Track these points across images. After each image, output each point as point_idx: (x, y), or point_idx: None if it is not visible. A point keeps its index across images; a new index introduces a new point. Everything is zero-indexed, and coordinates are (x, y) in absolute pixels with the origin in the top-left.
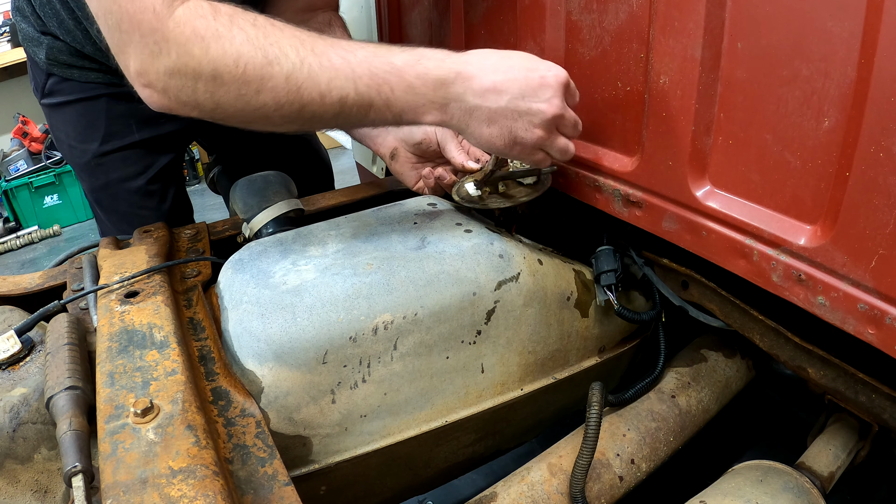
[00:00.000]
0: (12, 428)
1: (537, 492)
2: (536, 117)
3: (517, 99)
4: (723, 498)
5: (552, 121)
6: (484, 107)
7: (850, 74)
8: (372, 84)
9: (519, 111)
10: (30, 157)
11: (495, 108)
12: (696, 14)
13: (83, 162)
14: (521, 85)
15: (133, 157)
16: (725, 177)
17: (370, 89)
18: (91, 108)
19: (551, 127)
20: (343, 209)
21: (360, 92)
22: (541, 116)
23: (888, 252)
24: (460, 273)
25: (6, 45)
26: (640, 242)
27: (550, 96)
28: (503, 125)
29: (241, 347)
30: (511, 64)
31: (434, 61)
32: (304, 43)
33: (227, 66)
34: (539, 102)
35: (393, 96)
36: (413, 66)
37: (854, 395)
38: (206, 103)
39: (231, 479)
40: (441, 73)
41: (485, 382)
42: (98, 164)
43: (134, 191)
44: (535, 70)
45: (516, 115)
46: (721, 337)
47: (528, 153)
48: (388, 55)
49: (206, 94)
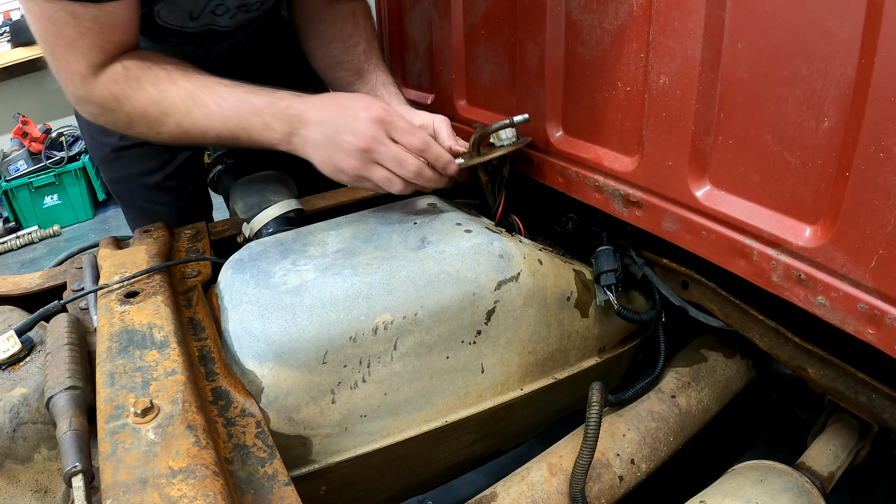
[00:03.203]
0: (12, 428)
1: (537, 492)
2: (347, 147)
3: (333, 133)
4: (723, 498)
5: (362, 152)
6: (312, 139)
7: (850, 74)
8: (238, 124)
9: (335, 142)
10: (30, 157)
11: (319, 140)
12: (696, 14)
13: (103, 154)
14: (336, 120)
15: (152, 153)
16: (725, 177)
17: (237, 128)
18: None
19: (364, 158)
20: (343, 209)
21: (230, 130)
22: (350, 147)
23: (888, 252)
24: (460, 273)
25: (6, 45)
26: (640, 242)
27: (361, 130)
28: (325, 155)
29: (241, 347)
30: (338, 103)
31: (286, 101)
32: (191, 95)
33: (135, 116)
34: (348, 135)
35: (254, 132)
36: (269, 107)
37: (854, 395)
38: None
39: (231, 479)
40: (288, 111)
41: (485, 382)
42: (116, 158)
43: (151, 186)
44: (352, 108)
45: (333, 147)
46: (721, 337)
47: (354, 180)
48: (251, 97)
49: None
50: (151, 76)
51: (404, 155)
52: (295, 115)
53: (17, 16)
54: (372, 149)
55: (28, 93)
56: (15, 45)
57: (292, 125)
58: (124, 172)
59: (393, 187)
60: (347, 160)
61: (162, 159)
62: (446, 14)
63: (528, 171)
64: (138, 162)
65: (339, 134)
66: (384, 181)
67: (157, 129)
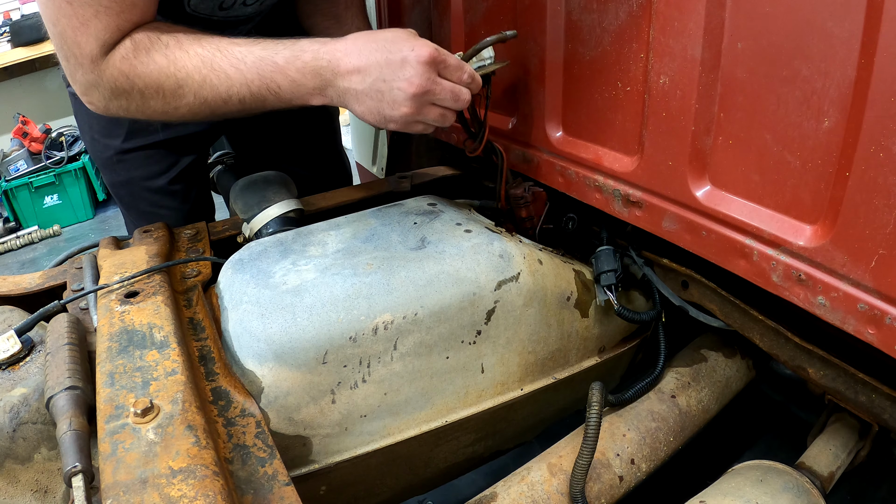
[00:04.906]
0: (12, 428)
1: (537, 492)
2: (398, 95)
3: (379, 81)
4: (723, 498)
5: (415, 98)
6: (352, 89)
7: (850, 74)
8: (262, 84)
9: (382, 92)
10: (30, 157)
11: (361, 90)
12: (696, 14)
13: (105, 157)
14: (381, 66)
15: (156, 157)
16: (725, 177)
17: (261, 89)
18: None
19: (420, 102)
20: (343, 209)
21: (253, 92)
22: (403, 95)
23: (888, 252)
24: (460, 273)
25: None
26: (640, 242)
27: (411, 75)
28: (370, 105)
29: (241, 347)
30: (376, 46)
31: (310, 53)
32: (205, 62)
33: (149, 93)
34: (399, 82)
35: (280, 91)
36: (293, 63)
37: (854, 395)
38: (137, 114)
39: (231, 479)
40: (316, 63)
41: (485, 382)
42: (120, 161)
43: (155, 190)
44: (397, 51)
45: (380, 96)
46: (721, 337)
47: (404, 127)
48: (273, 56)
49: (137, 110)
50: (161, 46)
51: (459, 89)
52: (326, 67)
53: (17, 16)
54: (429, 91)
55: (28, 93)
56: (15, 45)
57: (324, 77)
58: (128, 176)
59: (447, 122)
60: (399, 108)
61: (166, 163)
62: (446, 14)
63: (528, 171)
64: (142, 165)
65: (388, 82)
66: (439, 119)
67: (174, 103)
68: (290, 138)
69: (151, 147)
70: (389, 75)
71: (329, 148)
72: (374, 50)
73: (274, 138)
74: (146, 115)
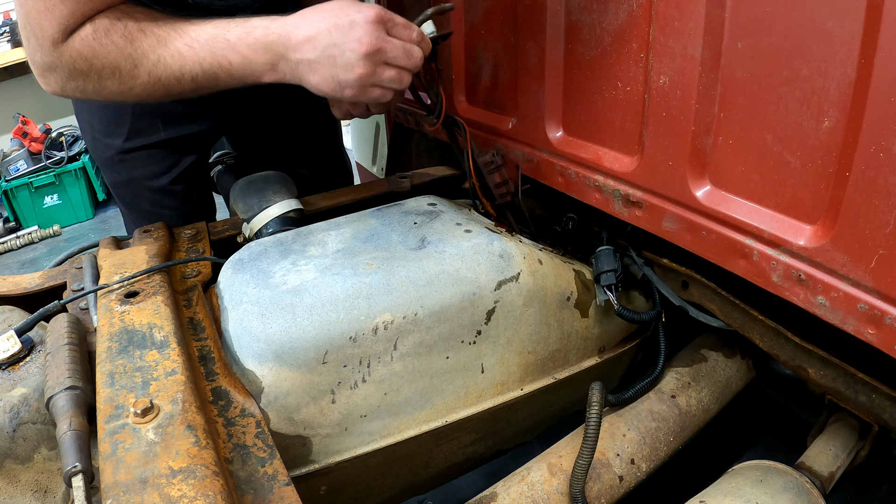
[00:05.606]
0: (12, 428)
1: (537, 492)
2: (350, 57)
3: (330, 46)
4: (723, 498)
5: (368, 57)
6: (304, 59)
7: (850, 74)
8: (214, 62)
9: (333, 57)
10: (30, 157)
11: (314, 58)
12: (696, 14)
13: (107, 157)
14: (331, 31)
15: (157, 157)
16: (725, 177)
17: (213, 66)
18: (118, 103)
19: (373, 62)
20: (343, 209)
21: (206, 70)
22: (355, 56)
23: (888, 252)
24: (460, 273)
25: (6, 45)
26: (640, 242)
27: (361, 35)
28: (325, 72)
29: (241, 347)
30: (323, 14)
31: (261, 29)
32: (161, 40)
33: (106, 73)
34: (350, 43)
35: (232, 67)
36: (244, 39)
37: (854, 395)
38: (94, 95)
39: (231, 479)
40: (266, 39)
41: (485, 382)
42: (121, 161)
43: (156, 190)
44: (344, 15)
45: (333, 61)
46: (721, 337)
47: (360, 91)
48: (225, 32)
49: (93, 91)
50: (120, 27)
51: (410, 46)
52: (276, 41)
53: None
54: (380, 48)
55: (28, 93)
56: (15, 45)
57: (275, 52)
58: (129, 175)
59: (403, 83)
60: (354, 70)
61: (168, 163)
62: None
63: (528, 171)
64: (144, 165)
65: (339, 45)
66: (395, 79)
67: (129, 83)
68: (291, 138)
69: (153, 147)
70: (339, 39)
71: (330, 148)
72: (322, 18)
73: (275, 138)
74: (102, 97)
